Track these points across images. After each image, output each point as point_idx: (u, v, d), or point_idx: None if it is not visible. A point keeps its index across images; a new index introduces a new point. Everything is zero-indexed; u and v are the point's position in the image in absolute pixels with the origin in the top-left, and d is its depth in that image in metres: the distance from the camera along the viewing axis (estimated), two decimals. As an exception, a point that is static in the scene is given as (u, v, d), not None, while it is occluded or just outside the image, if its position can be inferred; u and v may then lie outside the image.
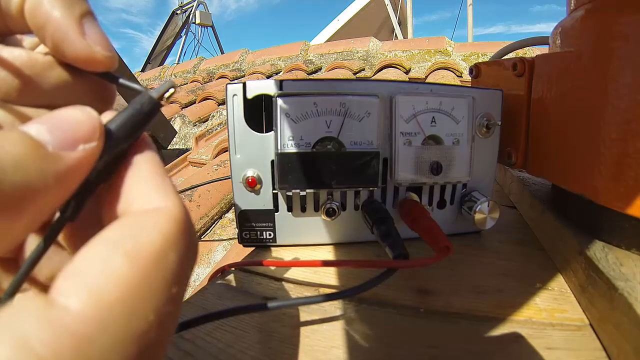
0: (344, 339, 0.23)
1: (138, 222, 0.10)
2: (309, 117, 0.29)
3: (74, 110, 0.10)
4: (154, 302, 0.09)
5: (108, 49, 0.12)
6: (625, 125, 0.23)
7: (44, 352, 0.07)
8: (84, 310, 0.08)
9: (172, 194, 0.11)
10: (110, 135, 0.11)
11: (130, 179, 0.11)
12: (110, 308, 0.08)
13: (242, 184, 0.31)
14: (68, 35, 0.12)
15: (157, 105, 0.12)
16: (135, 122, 0.11)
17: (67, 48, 0.12)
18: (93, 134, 0.10)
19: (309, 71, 1.89)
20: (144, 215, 0.10)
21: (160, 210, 0.10)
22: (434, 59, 1.81)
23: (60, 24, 0.12)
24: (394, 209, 0.33)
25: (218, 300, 0.27)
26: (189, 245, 0.10)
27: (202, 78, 2.23)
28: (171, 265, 0.10)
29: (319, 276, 0.29)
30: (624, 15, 0.23)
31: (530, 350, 0.21)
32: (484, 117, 0.32)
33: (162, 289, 0.09)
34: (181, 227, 0.10)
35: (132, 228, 0.10)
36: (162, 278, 0.09)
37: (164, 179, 0.11)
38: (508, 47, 0.53)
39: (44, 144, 0.09)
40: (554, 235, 0.31)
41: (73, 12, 0.12)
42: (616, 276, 0.21)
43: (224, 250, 0.62)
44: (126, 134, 0.11)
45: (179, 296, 0.10)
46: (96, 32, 0.12)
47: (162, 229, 0.10)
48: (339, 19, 4.81)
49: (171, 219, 0.10)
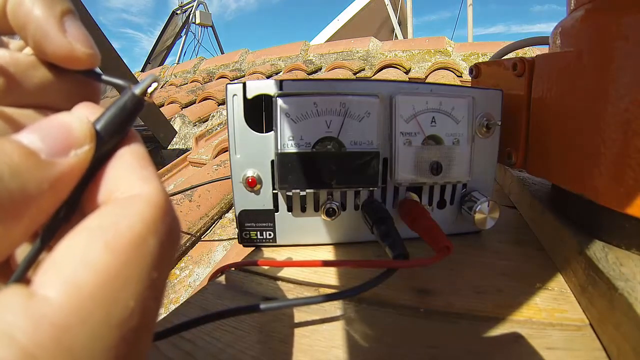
0: (344, 339, 0.23)
1: (118, 209, 0.10)
2: (309, 117, 0.29)
3: (64, 116, 0.11)
4: (134, 289, 0.09)
5: (89, 46, 0.12)
6: (625, 125, 0.23)
7: (26, 342, 0.07)
8: (63, 301, 0.08)
9: (153, 181, 0.11)
10: (98, 136, 0.11)
11: (112, 169, 0.11)
12: (90, 297, 0.08)
13: (242, 184, 0.31)
14: (49, 33, 0.12)
15: (140, 101, 0.12)
16: (121, 119, 0.11)
17: (48, 46, 0.12)
18: (84, 138, 0.10)
19: (309, 71, 1.89)
20: (124, 202, 0.10)
21: (141, 196, 0.10)
22: (434, 59, 1.81)
23: (40, 22, 0.12)
24: (394, 209, 0.33)
25: (218, 300, 0.27)
26: (170, 229, 0.11)
27: (202, 78, 2.23)
28: (151, 250, 0.10)
29: (319, 276, 0.29)
30: (624, 15, 0.23)
31: (530, 350, 0.21)
32: (484, 117, 0.32)
33: (143, 275, 0.09)
34: (161, 212, 0.10)
35: (112, 215, 0.10)
36: (142, 264, 0.09)
37: (146, 167, 0.11)
38: (508, 47, 0.53)
39: (37, 152, 0.10)
40: (554, 235, 0.31)
41: (54, 10, 0.12)
42: (616, 276, 0.21)
43: (224, 250, 0.62)
44: (113, 132, 0.11)
45: (161, 281, 0.10)
46: (77, 29, 0.12)
47: (141, 215, 0.10)
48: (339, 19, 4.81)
49: (151, 204, 0.10)
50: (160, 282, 0.10)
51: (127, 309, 0.09)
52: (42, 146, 0.10)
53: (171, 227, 0.11)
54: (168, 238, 0.10)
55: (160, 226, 0.10)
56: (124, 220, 0.09)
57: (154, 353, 0.21)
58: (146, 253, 0.09)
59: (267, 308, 0.23)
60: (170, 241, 0.10)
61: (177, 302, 0.52)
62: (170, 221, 0.11)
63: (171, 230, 0.11)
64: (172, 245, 0.11)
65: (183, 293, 0.54)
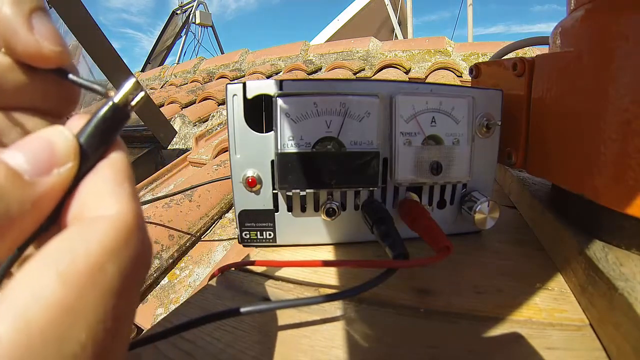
0: (344, 339, 0.23)
1: (78, 232, 0.10)
2: (309, 117, 0.29)
3: (49, 132, 0.11)
4: (86, 322, 0.09)
5: (57, 44, 0.12)
6: (625, 125, 0.23)
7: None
8: (12, 338, 0.08)
9: (124, 199, 0.10)
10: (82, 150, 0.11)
11: (86, 184, 0.11)
12: (39, 334, 0.08)
13: (242, 184, 0.31)
14: (17, 31, 0.12)
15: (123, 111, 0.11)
16: (104, 131, 0.11)
17: (16, 44, 0.12)
18: (67, 156, 0.10)
19: (309, 71, 1.89)
20: (87, 225, 0.10)
21: (105, 218, 0.10)
22: (434, 59, 1.81)
23: (9, 21, 0.11)
24: (394, 209, 0.33)
25: (218, 300, 0.27)
26: (137, 254, 0.10)
27: (202, 78, 2.23)
28: (109, 278, 0.09)
29: (319, 276, 0.29)
30: (624, 15, 0.23)
31: (530, 350, 0.21)
32: (484, 117, 0.32)
33: (98, 306, 0.09)
34: (126, 235, 0.10)
35: (70, 240, 0.09)
36: (97, 295, 0.09)
37: (121, 183, 0.11)
38: (508, 47, 0.53)
39: (21, 172, 0.09)
40: (554, 235, 0.31)
41: (22, 8, 0.12)
42: (616, 276, 0.21)
43: (224, 250, 0.62)
44: (97, 145, 0.11)
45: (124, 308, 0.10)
46: (45, 27, 0.12)
47: (102, 239, 0.09)
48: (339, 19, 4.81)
49: (115, 227, 0.10)
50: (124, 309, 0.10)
51: (79, 344, 0.08)
52: (26, 166, 0.10)
53: (138, 252, 0.10)
54: (133, 263, 0.10)
55: (123, 251, 0.10)
56: (81, 246, 0.09)
57: (154, 353, 0.21)
58: (103, 282, 0.09)
59: (266, 308, 0.23)
60: (135, 267, 0.10)
61: (177, 302, 0.52)
62: (137, 244, 0.10)
63: (138, 255, 0.10)
64: (138, 271, 0.10)
65: (183, 293, 0.54)
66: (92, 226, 0.10)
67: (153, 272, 0.56)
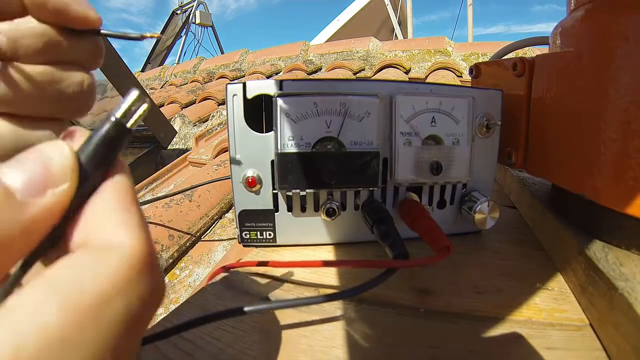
0: (344, 339, 0.23)
1: (86, 259, 0.09)
2: (309, 117, 0.29)
3: (46, 147, 0.10)
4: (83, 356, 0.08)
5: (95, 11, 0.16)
6: (625, 126, 0.23)
7: None
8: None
9: (135, 228, 0.10)
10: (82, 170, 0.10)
11: (91, 207, 0.10)
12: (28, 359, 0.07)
13: (242, 184, 0.31)
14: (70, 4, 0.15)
15: (126, 131, 0.11)
16: (106, 150, 0.11)
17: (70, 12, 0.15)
18: (64, 175, 0.10)
19: (309, 71, 1.89)
20: (96, 252, 0.09)
21: (115, 248, 0.09)
22: (434, 59, 1.81)
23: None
24: (394, 209, 0.33)
25: (218, 300, 0.27)
26: (150, 290, 0.09)
27: (202, 78, 2.23)
28: (115, 314, 0.09)
29: (319, 276, 0.29)
30: (624, 15, 0.23)
31: (530, 350, 0.21)
32: (484, 117, 0.32)
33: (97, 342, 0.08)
34: (138, 268, 0.09)
35: (77, 268, 0.09)
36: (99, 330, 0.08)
37: (130, 210, 0.10)
38: (508, 47, 0.53)
39: (13, 192, 0.09)
40: (554, 235, 0.31)
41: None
42: (616, 276, 0.21)
43: (224, 250, 0.62)
44: (97, 164, 0.10)
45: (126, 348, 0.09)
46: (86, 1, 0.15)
47: (111, 272, 0.09)
48: (339, 19, 4.81)
49: (126, 259, 0.09)
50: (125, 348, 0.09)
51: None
52: (19, 186, 0.09)
53: (149, 289, 0.09)
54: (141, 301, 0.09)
55: (135, 285, 0.09)
56: (89, 277, 0.09)
57: (154, 353, 0.21)
58: (108, 318, 0.08)
59: (266, 308, 0.23)
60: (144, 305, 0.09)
61: (177, 302, 0.52)
62: (149, 280, 0.09)
63: (148, 292, 0.09)
64: (147, 310, 0.10)
65: (183, 293, 0.54)
66: (102, 256, 0.09)
67: (153, 272, 0.56)
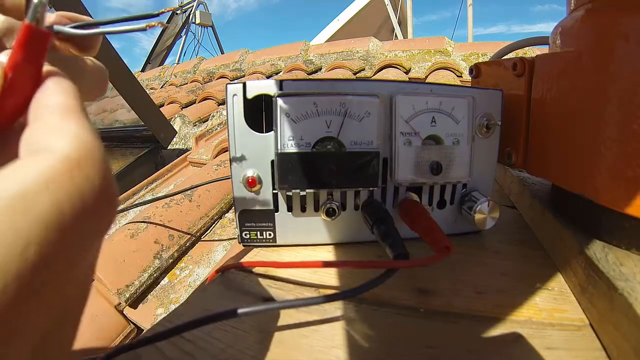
0: (343, 339, 0.23)
1: (19, 163, 0.09)
2: (309, 117, 0.29)
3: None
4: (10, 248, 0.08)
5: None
6: (625, 126, 0.23)
7: None
8: None
9: (71, 133, 0.10)
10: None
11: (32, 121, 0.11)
12: None
13: (242, 184, 0.31)
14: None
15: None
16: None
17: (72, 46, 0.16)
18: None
19: (309, 71, 1.89)
20: (29, 157, 0.09)
21: (48, 151, 0.09)
22: (434, 59, 1.81)
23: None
24: (394, 209, 0.33)
25: (218, 300, 0.27)
26: (81, 187, 0.09)
27: (202, 78, 2.23)
28: (42, 208, 0.08)
29: (319, 276, 0.29)
30: (624, 15, 0.23)
31: (530, 350, 0.21)
32: (484, 117, 0.32)
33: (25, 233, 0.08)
34: (66, 167, 0.09)
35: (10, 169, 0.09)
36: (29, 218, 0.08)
37: (66, 117, 0.11)
38: (508, 47, 0.53)
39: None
40: (554, 235, 0.31)
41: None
42: (616, 276, 0.21)
43: (224, 250, 0.62)
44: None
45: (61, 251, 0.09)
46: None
47: (39, 169, 0.09)
48: (339, 19, 4.80)
49: (56, 158, 0.09)
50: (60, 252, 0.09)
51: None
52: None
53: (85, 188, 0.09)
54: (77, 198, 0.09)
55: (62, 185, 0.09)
56: (18, 174, 0.09)
57: (154, 353, 0.21)
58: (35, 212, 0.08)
59: (266, 309, 0.23)
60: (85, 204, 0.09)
61: (177, 302, 0.52)
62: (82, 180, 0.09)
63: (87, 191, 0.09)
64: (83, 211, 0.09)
65: (183, 293, 0.54)
66: (34, 158, 0.09)
67: (153, 272, 0.56)
